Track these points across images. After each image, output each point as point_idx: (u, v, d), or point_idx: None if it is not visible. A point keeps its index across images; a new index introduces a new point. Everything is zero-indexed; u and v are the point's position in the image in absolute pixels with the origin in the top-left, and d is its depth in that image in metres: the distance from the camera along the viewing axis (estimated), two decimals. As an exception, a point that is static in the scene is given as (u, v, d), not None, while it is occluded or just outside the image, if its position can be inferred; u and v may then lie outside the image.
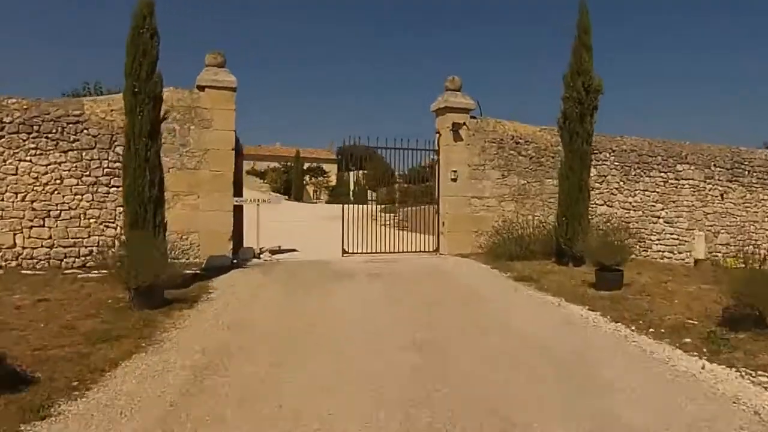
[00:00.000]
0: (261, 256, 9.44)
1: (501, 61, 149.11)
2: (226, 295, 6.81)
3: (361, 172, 59.28)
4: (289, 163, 42.28)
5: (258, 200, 10.17)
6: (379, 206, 18.82)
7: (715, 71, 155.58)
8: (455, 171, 10.88)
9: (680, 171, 12.92)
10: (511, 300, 7.06)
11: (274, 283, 7.75)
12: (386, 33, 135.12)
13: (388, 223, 15.90)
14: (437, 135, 11.26)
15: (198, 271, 8.27)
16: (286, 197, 40.38)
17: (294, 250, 10.71)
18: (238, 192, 9.59)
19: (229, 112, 9.49)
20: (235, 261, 9.07)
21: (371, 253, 10.56)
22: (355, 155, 13.52)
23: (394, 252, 10.79)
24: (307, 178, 44.37)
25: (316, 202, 41.09)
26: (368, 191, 52.11)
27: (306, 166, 44.13)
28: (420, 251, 11.02)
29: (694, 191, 13.01)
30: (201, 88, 9.39)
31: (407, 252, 10.91)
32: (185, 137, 9.26)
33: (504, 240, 10.46)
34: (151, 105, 7.17)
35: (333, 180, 62.65)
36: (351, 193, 56.90)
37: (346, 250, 10.41)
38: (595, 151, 10.83)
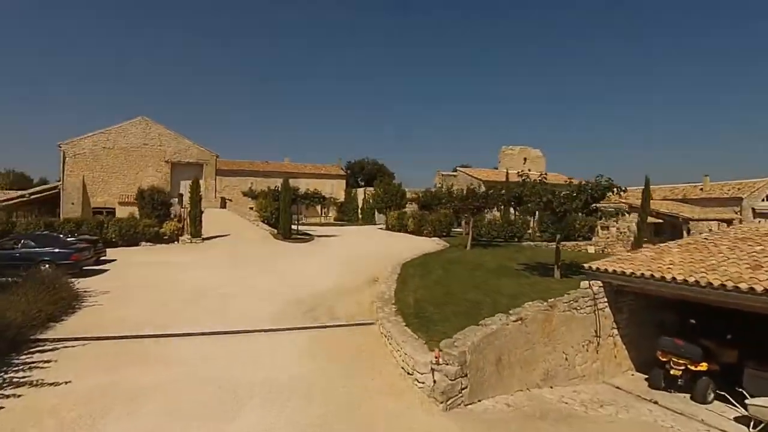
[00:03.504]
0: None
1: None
2: None
3: (369, 190, 51.10)
4: (276, 187, 33.69)
5: None
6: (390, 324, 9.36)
7: None
8: None
9: None
10: None
11: None
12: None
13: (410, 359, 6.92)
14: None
15: None
16: (275, 231, 31.52)
17: None
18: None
19: None
20: None
21: None
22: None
23: None
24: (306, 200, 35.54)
25: (310, 236, 32.16)
26: (376, 212, 43.43)
27: (304, 189, 35.30)
28: None
29: None
30: None
31: None
32: None
33: None
34: None
35: (341, 196, 53.90)
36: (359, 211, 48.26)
37: None
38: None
